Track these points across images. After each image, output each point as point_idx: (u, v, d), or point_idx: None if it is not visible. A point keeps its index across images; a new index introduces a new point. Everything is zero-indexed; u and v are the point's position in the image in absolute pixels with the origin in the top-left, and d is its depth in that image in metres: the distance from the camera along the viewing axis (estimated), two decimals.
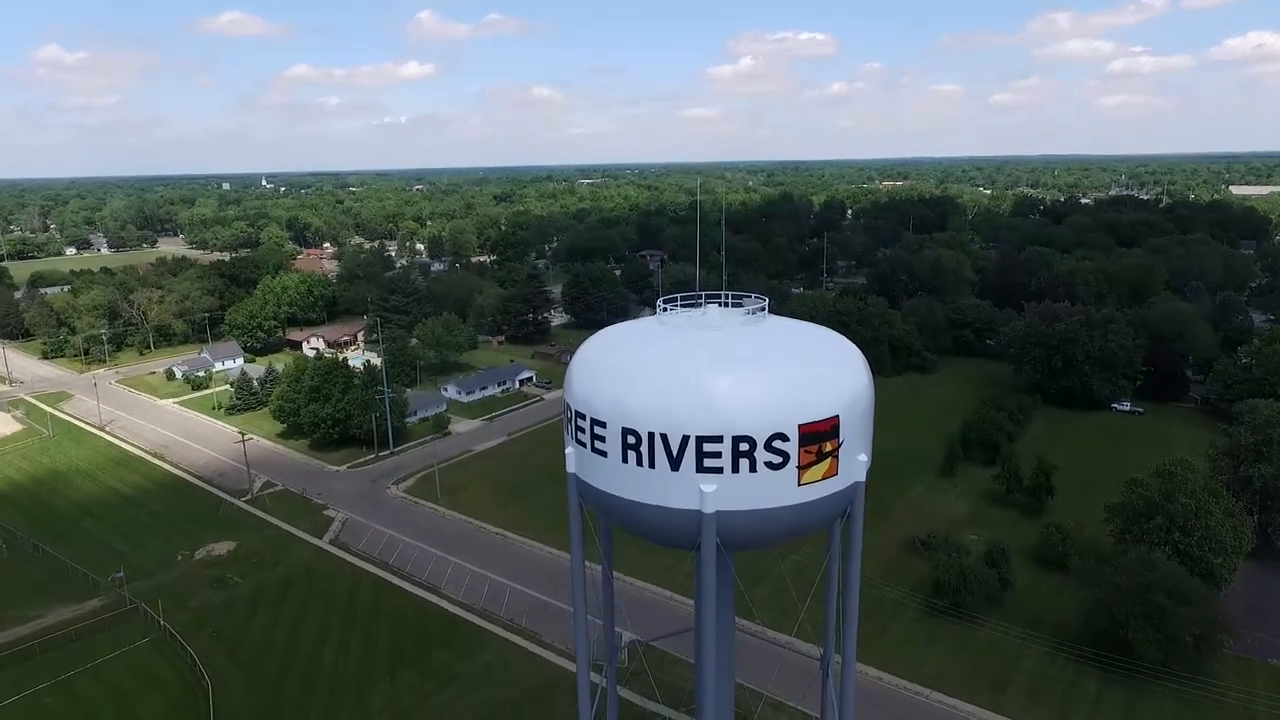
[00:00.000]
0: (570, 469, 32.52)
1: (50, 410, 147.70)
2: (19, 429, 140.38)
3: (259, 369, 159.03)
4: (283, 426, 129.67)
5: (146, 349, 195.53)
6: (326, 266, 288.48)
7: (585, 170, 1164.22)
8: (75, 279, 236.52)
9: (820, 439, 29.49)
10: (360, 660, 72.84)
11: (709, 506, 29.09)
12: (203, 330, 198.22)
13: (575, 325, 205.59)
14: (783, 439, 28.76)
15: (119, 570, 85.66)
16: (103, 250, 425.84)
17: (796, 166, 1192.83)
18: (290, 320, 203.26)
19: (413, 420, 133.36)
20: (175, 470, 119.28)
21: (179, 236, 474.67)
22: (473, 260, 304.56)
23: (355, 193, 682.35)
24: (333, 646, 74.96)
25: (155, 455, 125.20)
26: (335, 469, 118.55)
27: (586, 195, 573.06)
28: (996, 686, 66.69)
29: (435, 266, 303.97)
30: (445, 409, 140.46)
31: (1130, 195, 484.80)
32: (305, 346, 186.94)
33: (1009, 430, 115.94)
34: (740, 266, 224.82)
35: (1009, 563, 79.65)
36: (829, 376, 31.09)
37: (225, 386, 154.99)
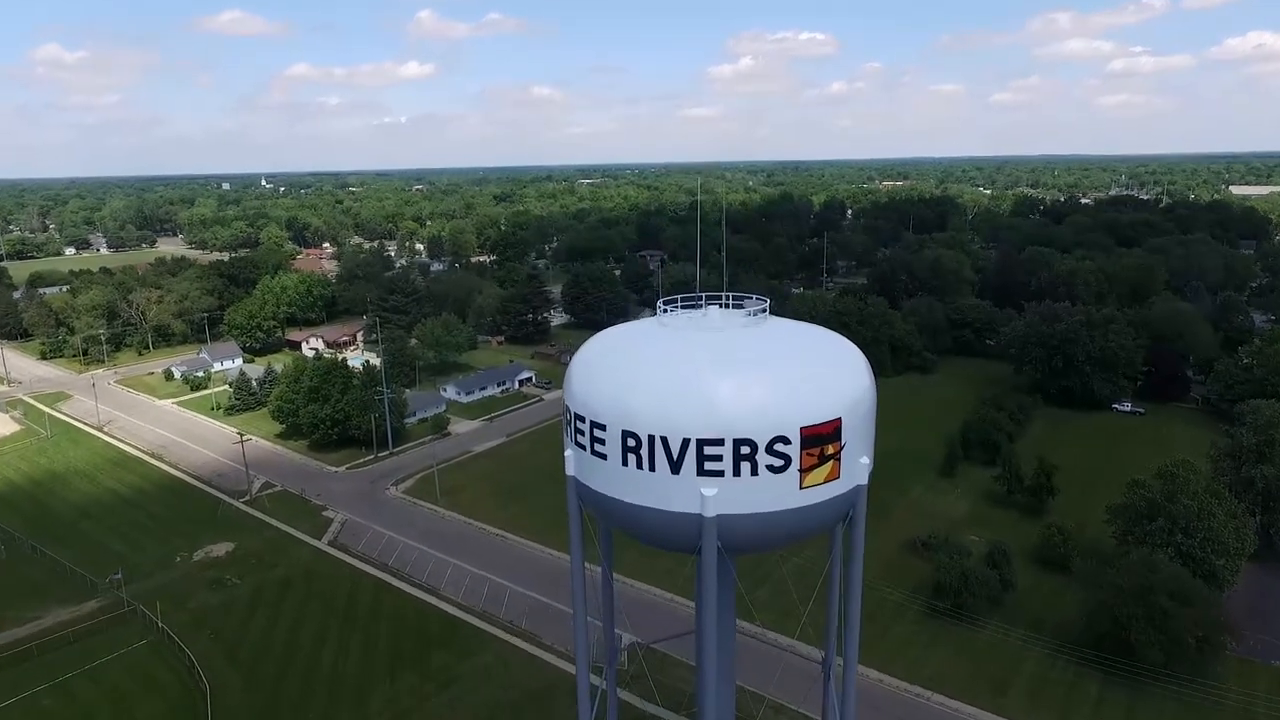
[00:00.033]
0: (570, 472, 32.26)
1: (48, 411, 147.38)
2: (17, 429, 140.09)
3: (258, 369, 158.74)
4: (282, 427, 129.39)
5: (145, 349, 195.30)
6: (326, 266, 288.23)
7: (585, 170, 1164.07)
8: (74, 279, 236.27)
9: (822, 442, 29.22)
10: (359, 662, 72.58)
11: (710, 510, 28.83)
12: (202, 330, 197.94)
13: (575, 325, 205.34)
14: (784, 442, 28.49)
15: (117, 572, 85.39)
16: (102, 250, 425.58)
17: (796, 166, 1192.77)
18: (289, 320, 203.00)
19: (412, 421, 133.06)
20: (174, 471, 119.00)
21: (178, 236, 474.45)
22: (472, 260, 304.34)
23: (355, 193, 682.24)
24: (332, 648, 74.70)
25: (154, 456, 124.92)
26: (334, 470, 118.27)
27: (586, 195, 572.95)
28: (998, 688, 66.44)
29: (435, 266, 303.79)
30: (445, 409, 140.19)
31: (1130, 195, 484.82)
32: (304, 347, 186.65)
33: (1009, 430, 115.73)
34: (740, 266, 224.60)
35: (1010, 564, 79.38)
36: (831, 378, 30.82)
37: (224, 387, 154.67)
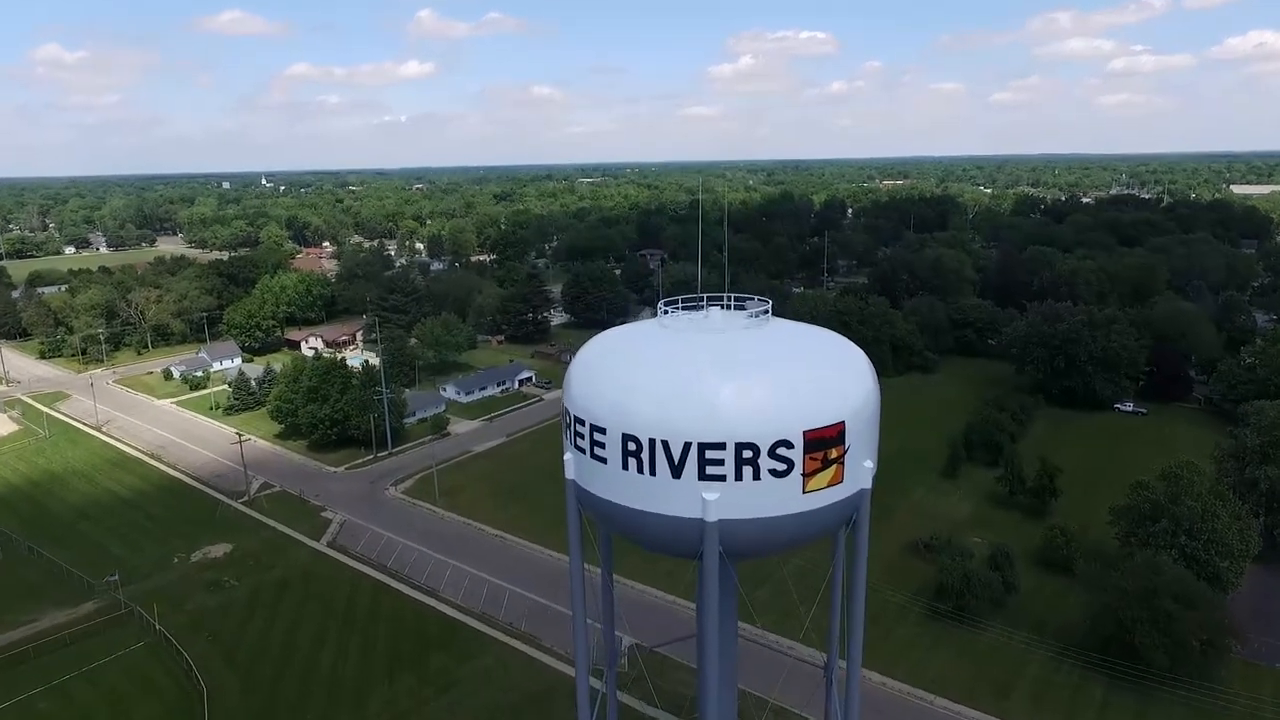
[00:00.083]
0: (569, 475, 31.79)
1: (47, 410, 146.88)
2: (15, 429, 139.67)
3: (257, 369, 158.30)
4: (280, 427, 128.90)
5: (144, 349, 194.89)
6: (325, 266, 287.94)
7: (585, 169, 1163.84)
8: (73, 278, 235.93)
9: (826, 445, 28.72)
10: (358, 664, 72.12)
11: (711, 515, 28.33)
12: (201, 330, 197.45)
13: (575, 325, 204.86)
14: (787, 446, 27.99)
15: (113, 574, 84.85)
16: (102, 249, 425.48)
17: (797, 165, 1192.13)
18: (289, 320, 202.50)
19: (411, 421, 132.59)
20: (172, 471, 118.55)
21: (178, 236, 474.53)
22: (472, 259, 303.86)
23: (355, 192, 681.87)
24: (330, 650, 74.25)
25: (152, 456, 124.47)
26: (333, 470, 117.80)
27: (586, 194, 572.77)
28: (1001, 692, 65.95)
29: (435, 266, 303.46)
30: (444, 409, 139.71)
31: (1131, 194, 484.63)
32: (304, 346, 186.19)
33: (1011, 431, 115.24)
34: (741, 266, 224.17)
35: (1013, 566, 78.83)
36: (834, 381, 30.31)
37: (223, 386, 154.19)
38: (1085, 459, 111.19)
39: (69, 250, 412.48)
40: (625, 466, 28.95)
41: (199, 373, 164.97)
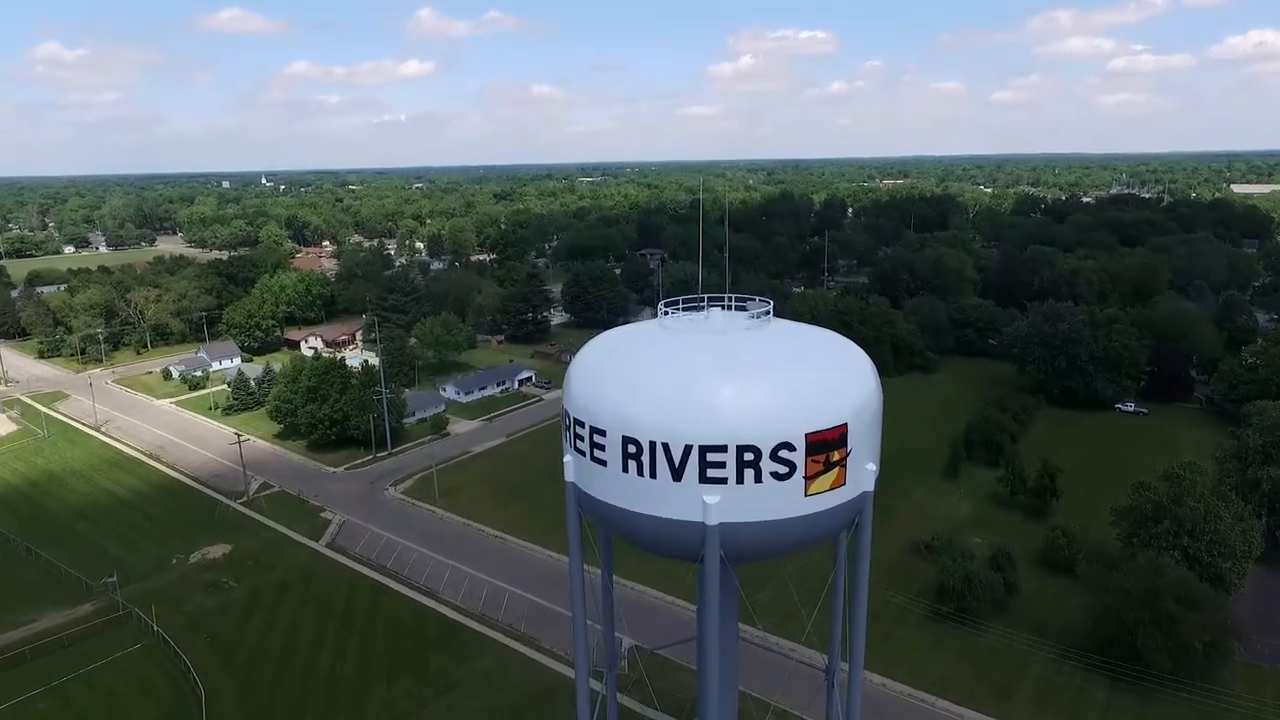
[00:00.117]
0: (569, 478, 31.53)
1: (46, 410, 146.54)
2: (14, 429, 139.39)
3: (256, 369, 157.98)
4: (280, 427, 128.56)
5: (143, 348, 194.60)
6: (325, 265, 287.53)
7: (585, 168, 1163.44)
8: (72, 278, 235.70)
9: (828, 448, 28.45)
10: (357, 666, 71.83)
11: (712, 518, 28.08)
12: (200, 330, 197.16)
13: (575, 324, 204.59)
14: (789, 448, 27.73)
15: (111, 575, 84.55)
16: (101, 249, 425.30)
17: (797, 165, 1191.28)
18: (288, 319, 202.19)
19: (411, 421, 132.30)
20: (171, 472, 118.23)
21: (178, 235, 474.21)
22: (472, 259, 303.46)
23: (355, 191, 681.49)
24: (329, 652, 73.95)
25: (151, 456, 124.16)
26: (332, 470, 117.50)
27: (586, 193, 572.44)
28: (1002, 694, 65.66)
29: (434, 265, 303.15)
30: (444, 409, 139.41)
31: (1132, 194, 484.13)
32: (303, 346, 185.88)
33: (1012, 431, 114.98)
34: (741, 265, 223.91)
35: (1014, 567, 78.53)
36: (836, 383, 30.05)
37: (222, 386, 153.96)
38: (1086, 459, 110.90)
39: (68, 250, 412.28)
40: (625, 469, 28.70)
41: (198, 372, 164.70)
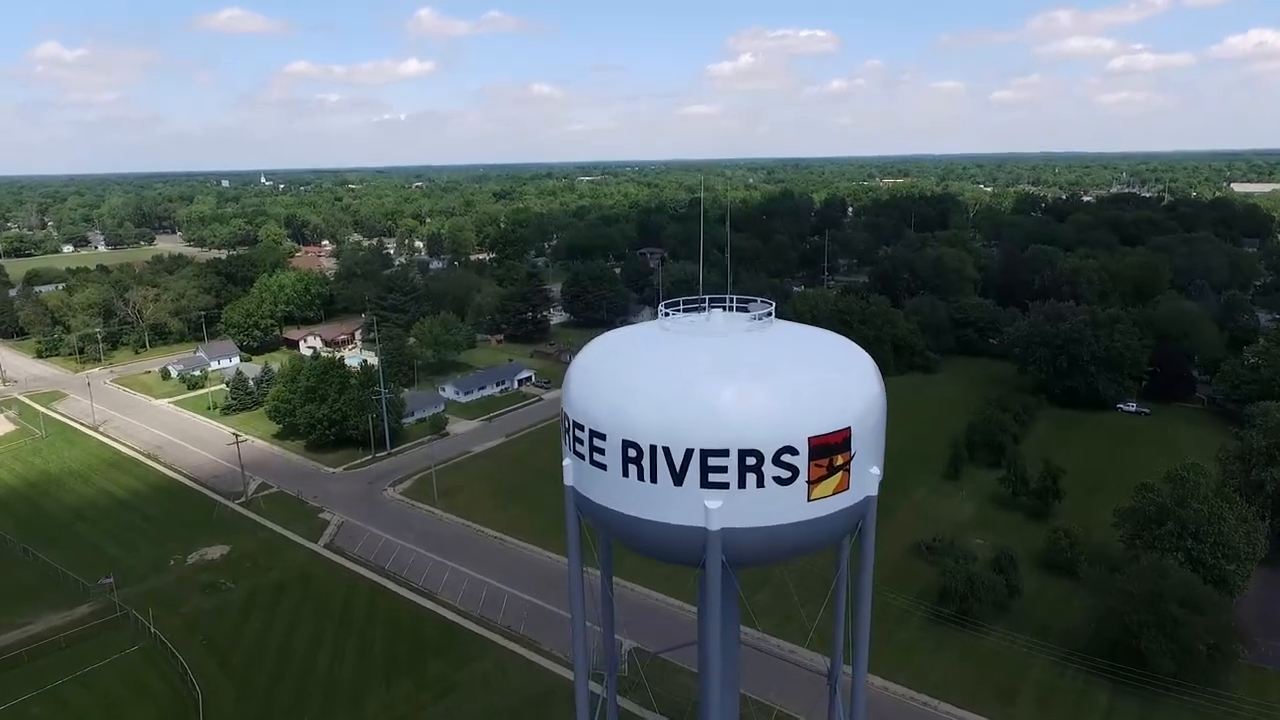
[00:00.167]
0: (568, 482, 31.02)
1: (43, 410, 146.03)
2: (12, 429, 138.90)
3: (255, 368, 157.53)
4: (278, 427, 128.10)
5: (142, 348, 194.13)
6: (324, 264, 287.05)
7: (585, 167, 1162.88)
8: (71, 277, 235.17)
9: (831, 452, 27.93)
10: (355, 668, 71.40)
11: (714, 524, 27.56)
12: (199, 329, 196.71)
13: (575, 324, 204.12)
14: (792, 452, 27.19)
15: (108, 576, 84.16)
16: (100, 248, 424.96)
17: (797, 164, 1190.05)
18: (287, 319, 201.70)
19: (410, 421, 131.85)
20: (169, 472, 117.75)
21: (177, 234, 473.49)
22: (471, 258, 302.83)
23: (354, 190, 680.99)
24: (327, 653, 73.53)
25: (149, 456, 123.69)
26: (331, 470, 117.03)
27: (586, 193, 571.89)
28: (1005, 697, 65.22)
29: (434, 264, 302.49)
30: (443, 409, 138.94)
31: (1132, 193, 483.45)
32: (302, 345, 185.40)
33: (1014, 431, 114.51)
34: (741, 265, 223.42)
35: (1017, 569, 78.07)
36: (839, 385, 29.51)
37: (221, 386, 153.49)
38: (1088, 459, 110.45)
39: (67, 248, 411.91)
40: (625, 473, 28.19)
41: (197, 372, 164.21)
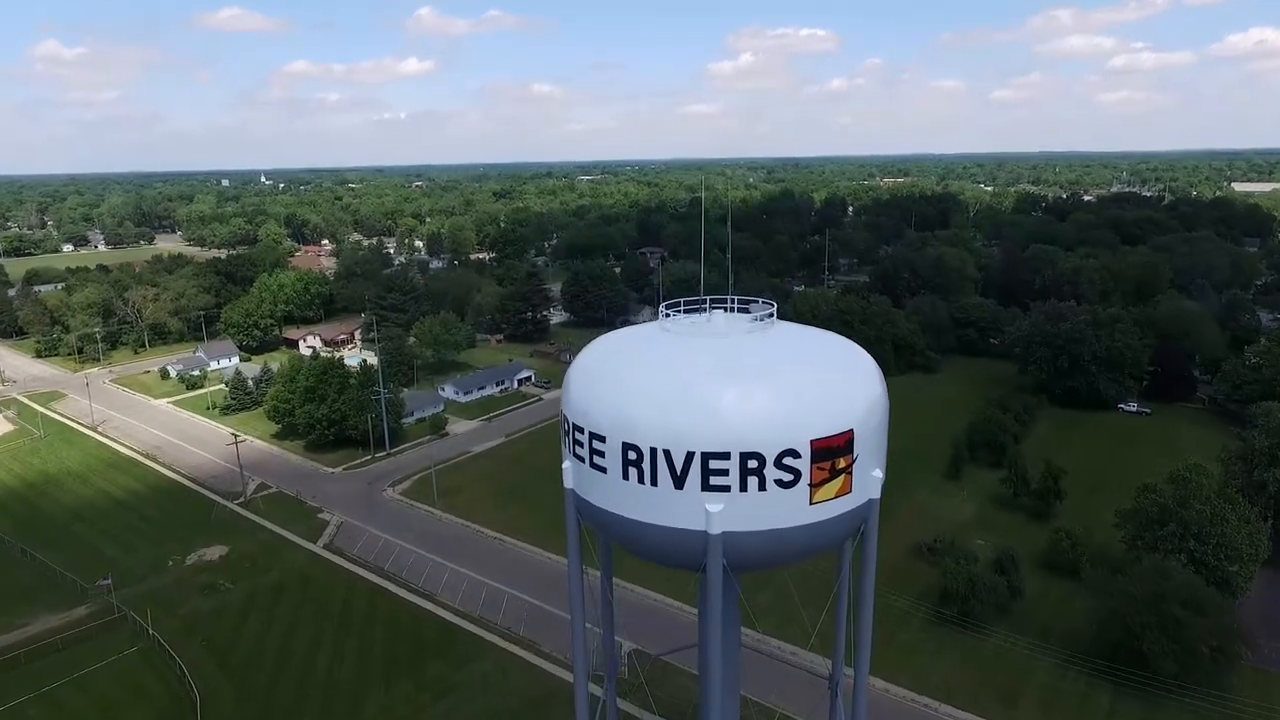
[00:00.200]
0: (568, 485, 30.76)
1: (42, 410, 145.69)
2: (10, 429, 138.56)
3: (254, 368, 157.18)
4: (277, 427, 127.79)
5: (141, 348, 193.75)
6: (324, 264, 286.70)
7: (585, 167, 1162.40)
8: (70, 276, 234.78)
9: (833, 455, 27.67)
10: (355, 669, 71.09)
11: (715, 527, 27.31)
12: (198, 329, 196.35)
13: (575, 324, 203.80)
14: (794, 455, 26.95)
15: (106, 577, 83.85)
16: (100, 247, 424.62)
17: (797, 163, 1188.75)
18: (287, 318, 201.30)
19: (410, 421, 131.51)
20: (168, 472, 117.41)
21: (177, 233, 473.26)
22: (471, 258, 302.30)
23: (354, 189, 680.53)
24: (326, 654, 73.22)
25: (148, 457, 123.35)
26: (330, 471, 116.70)
27: (586, 192, 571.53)
28: (1007, 699, 64.90)
29: (434, 264, 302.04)
30: (443, 409, 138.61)
31: (1133, 192, 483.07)
32: (301, 345, 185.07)
33: (1015, 431, 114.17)
34: (741, 264, 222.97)
35: (1018, 570, 77.73)
36: (842, 387, 29.27)
37: (220, 386, 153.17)
38: (1089, 460, 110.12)
39: (67, 248, 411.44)
40: (626, 476, 27.96)
41: (196, 372, 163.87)
